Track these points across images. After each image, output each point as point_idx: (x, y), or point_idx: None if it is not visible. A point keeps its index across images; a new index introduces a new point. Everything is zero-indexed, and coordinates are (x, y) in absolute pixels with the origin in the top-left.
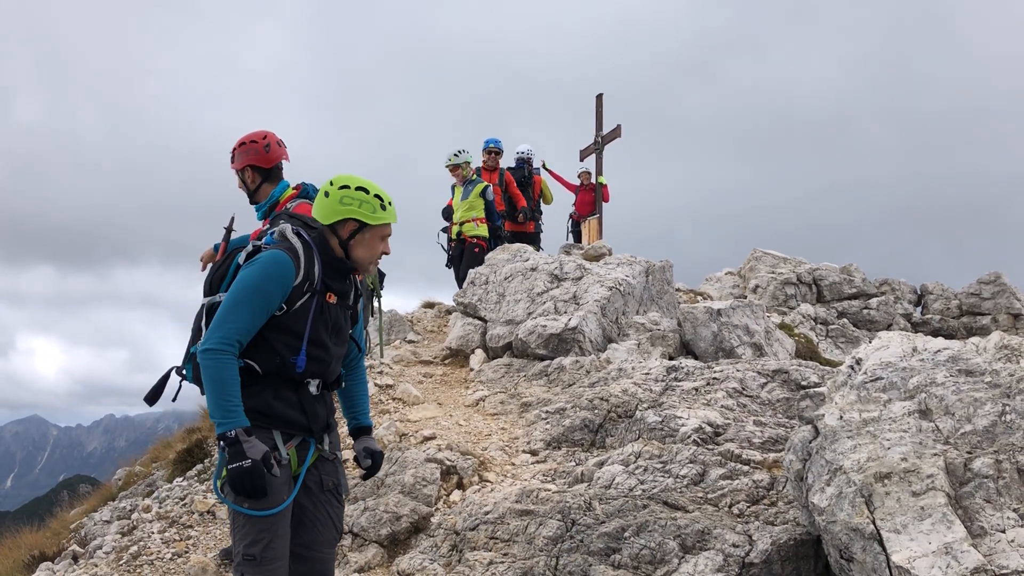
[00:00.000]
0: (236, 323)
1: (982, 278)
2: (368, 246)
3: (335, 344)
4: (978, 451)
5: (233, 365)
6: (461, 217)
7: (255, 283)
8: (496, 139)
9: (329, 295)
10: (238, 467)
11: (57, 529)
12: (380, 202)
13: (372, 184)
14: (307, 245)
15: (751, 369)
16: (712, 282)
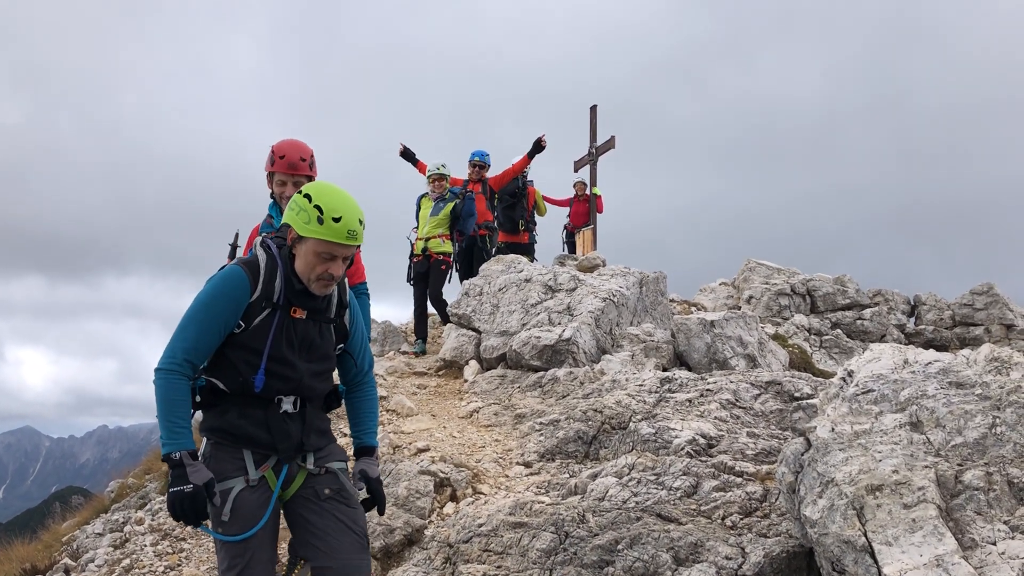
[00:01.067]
0: (184, 341)
1: (975, 288)
2: (304, 259)
3: (306, 360)
4: (969, 463)
5: (180, 384)
6: (428, 232)
7: (203, 300)
8: (482, 152)
9: (295, 310)
10: (179, 491)
11: (49, 542)
12: (318, 213)
13: (328, 194)
14: (272, 259)
15: (744, 380)
16: (706, 292)
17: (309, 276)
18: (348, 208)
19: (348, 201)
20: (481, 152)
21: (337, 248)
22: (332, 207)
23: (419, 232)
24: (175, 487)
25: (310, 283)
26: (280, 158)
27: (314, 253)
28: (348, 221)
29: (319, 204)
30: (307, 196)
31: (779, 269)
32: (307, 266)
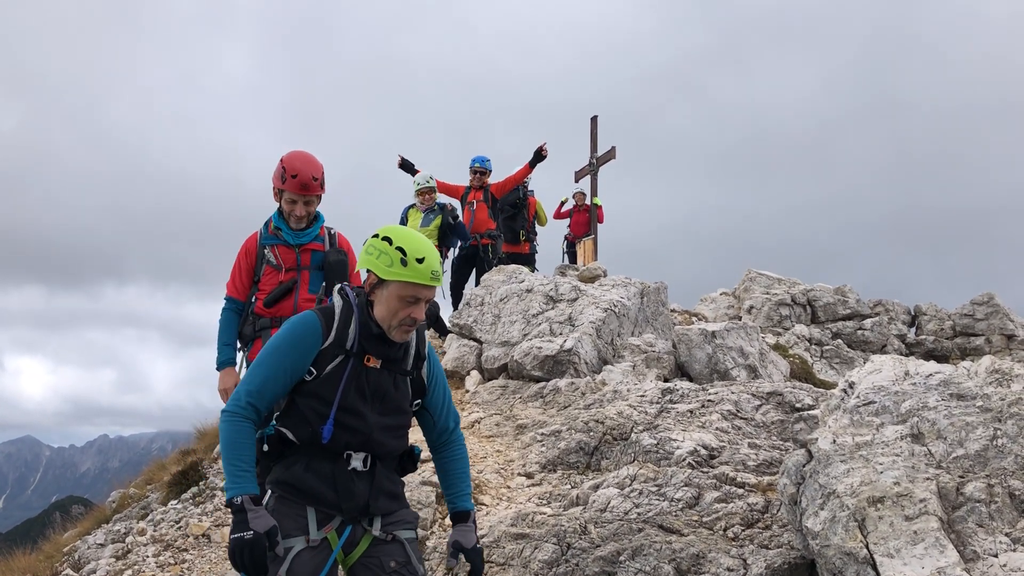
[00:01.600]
0: (250, 385)
1: (975, 299)
2: (386, 304)
3: (377, 412)
4: (970, 475)
5: (244, 427)
6: None
7: (274, 344)
8: (483, 157)
9: (368, 358)
10: (239, 538)
11: (50, 552)
12: (401, 256)
13: (406, 236)
14: (348, 305)
15: (746, 391)
16: (707, 303)
17: (391, 322)
18: (428, 249)
19: (426, 242)
20: (482, 158)
21: (421, 290)
22: (414, 248)
23: None
24: (236, 533)
25: (391, 329)
26: (292, 177)
27: (398, 297)
28: (431, 262)
29: (401, 246)
30: (386, 239)
31: (780, 279)
32: (390, 311)
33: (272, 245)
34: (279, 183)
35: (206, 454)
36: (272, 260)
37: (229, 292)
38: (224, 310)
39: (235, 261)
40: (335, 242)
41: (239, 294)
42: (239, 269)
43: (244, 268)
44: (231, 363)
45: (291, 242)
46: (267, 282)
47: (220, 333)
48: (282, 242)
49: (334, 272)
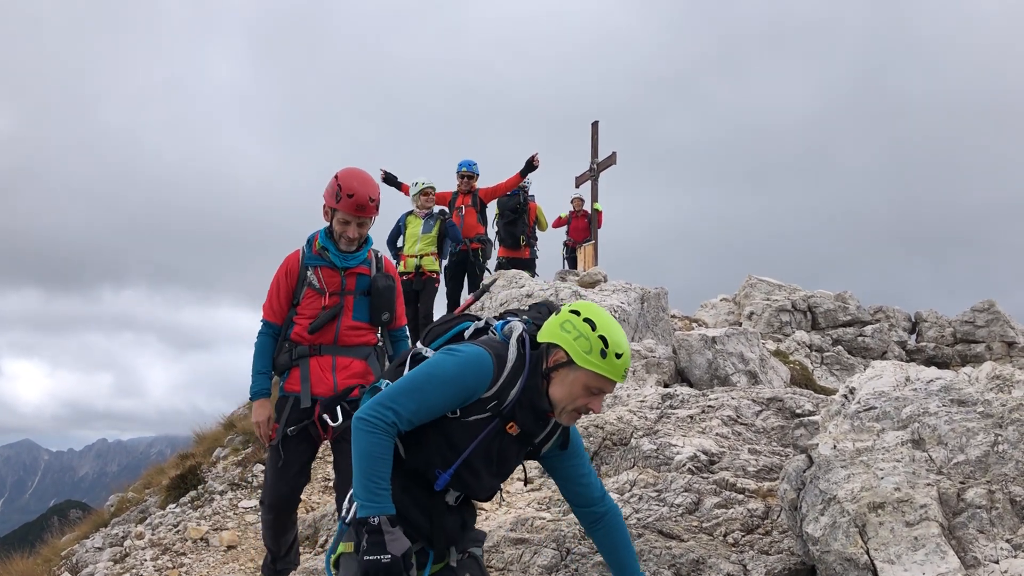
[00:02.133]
0: (400, 405)
1: (976, 306)
2: (568, 388)
3: (491, 476)
4: (971, 481)
5: (385, 443)
6: (421, 250)
7: (442, 375)
8: (469, 161)
9: (511, 425)
10: (375, 561)
11: (48, 556)
12: (602, 346)
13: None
14: (520, 363)
15: (746, 397)
16: (707, 308)
17: (566, 406)
18: (627, 344)
19: (623, 335)
20: (468, 162)
21: (609, 385)
22: (616, 341)
23: (408, 249)
24: (371, 555)
25: (562, 412)
26: (348, 197)
27: (583, 385)
28: (627, 359)
29: (604, 336)
30: (589, 322)
31: (780, 285)
32: (568, 396)
33: (316, 266)
34: (332, 202)
35: (204, 458)
36: (315, 283)
37: (266, 315)
38: (260, 335)
39: (273, 282)
40: (382, 266)
41: (276, 318)
42: (277, 290)
43: (284, 290)
44: (265, 394)
45: (338, 264)
46: (308, 306)
47: (255, 360)
48: (327, 264)
49: (382, 299)
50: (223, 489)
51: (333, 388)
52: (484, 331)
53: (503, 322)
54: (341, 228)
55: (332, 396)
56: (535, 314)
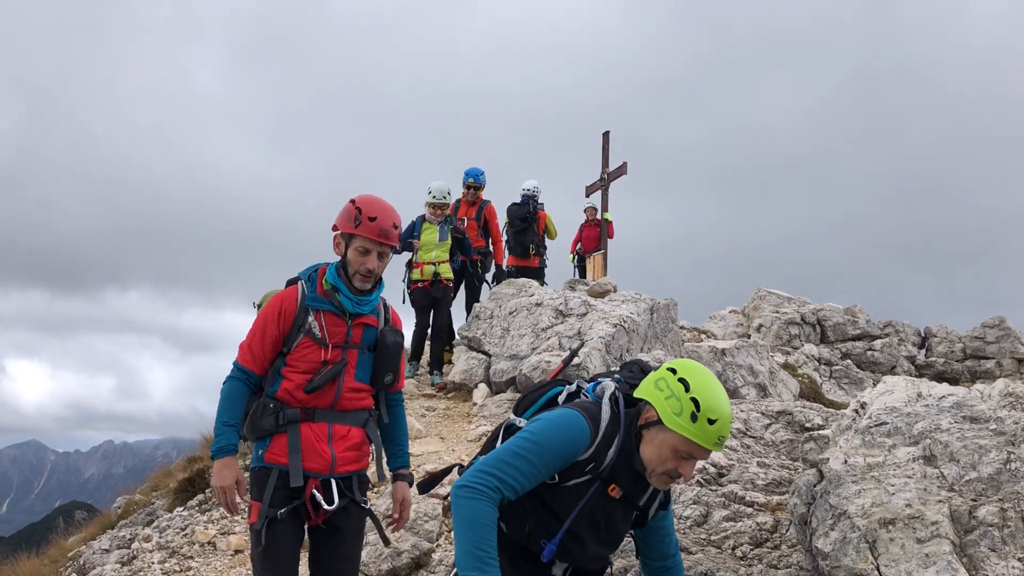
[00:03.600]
0: (505, 472)
1: (986, 322)
2: (657, 450)
3: (598, 543)
4: (983, 499)
5: (492, 511)
6: (438, 257)
7: (540, 440)
8: (477, 170)
9: (613, 487)
10: None
11: (55, 556)
12: (693, 409)
13: (706, 385)
14: (615, 422)
15: (755, 410)
16: (716, 320)
17: (656, 468)
18: (725, 408)
19: (724, 397)
20: (475, 171)
21: (700, 452)
22: (711, 406)
23: (423, 256)
24: None
25: (652, 474)
26: (370, 220)
27: (672, 448)
28: (722, 426)
29: (697, 398)
30: (683, 382)
31: (789, 298)
32: (658, 458)
33: (319, 310)
34: (349, 227)
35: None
36: (315, 331)
37: (243, 360)
38: (232, 380)
39: (259, 321)
40: (390, 317)
41: (257, 366)
42: (262, 333)
43: (272, 334)
44: (233, 451)
45: (348, 310)
46: (302, 358)
47: (223, 409)
48: (333, 308)
49: (389, 358)
50: None
51: (331, 463)
52: (576, 395)
53: (595, 383)
54: (360, 260)
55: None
56: (627, 373)
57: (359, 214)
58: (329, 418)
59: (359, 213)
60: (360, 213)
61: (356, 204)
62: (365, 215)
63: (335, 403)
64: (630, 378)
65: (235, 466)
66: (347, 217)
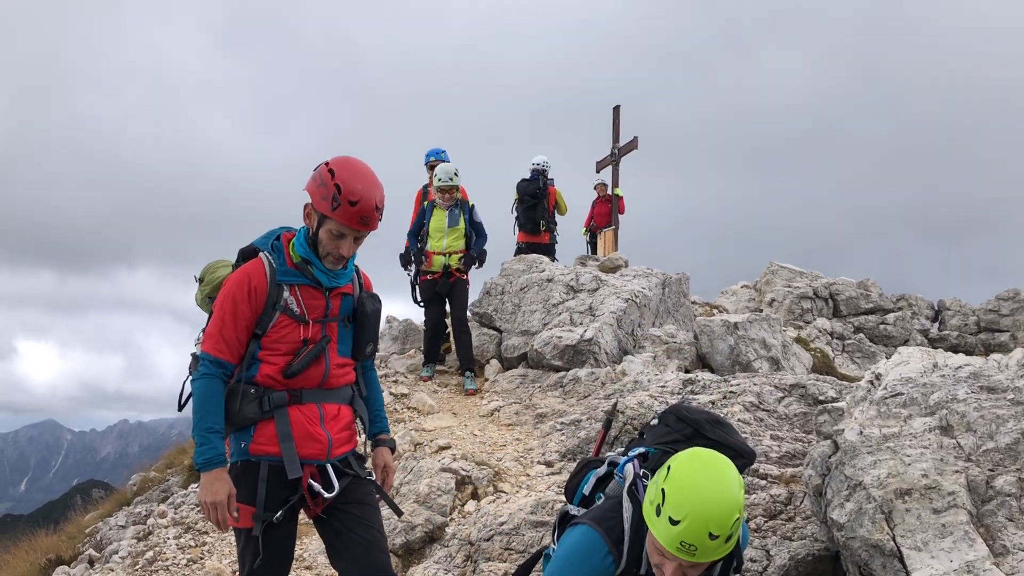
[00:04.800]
0: None
1: (1001, 294)
2: (648, 543)
3: None
4: (1000, 469)
5: None
6: (448, 247)
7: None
8: (439, 150)
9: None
10: None
11: (73, 533)
12: (660, 502)
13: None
14: (640, 512)
15: (768, 383)
16: (728, 295)
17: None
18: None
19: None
20: (437, 150)
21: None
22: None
23: (433, 245)
24: None
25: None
26: (350, 204)
27: (652, 543)
28: (686, 530)
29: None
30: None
31: (801, 272)
32: (649, 552)
33: (293, 284)
34: (325, 207)
35: None
36: (293, 307)
37: (214, 350)
38: (205, 377)
39: (224, 304)
40: (363, 282)
41: (232, 355)
42: (233, 316)
43: (243, 315)
44: (221, 461)
45: (324, 283)
46: (281, 338)
47: (202, 414)
48: (308, 281)
49: (370, 327)
50: None
51: (327, 447)
52: (607, 479)
53: (625, 460)
54: (333, 244)
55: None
56: (663, 430)
57: (337, 194)
58: (318, 398)
59: (337, 193)
60: (339, 193)
61: (336, 180)
62: (344, 197)
63: (323, 381)
64: (666, 437)
65: (227, 479)
66: (323, 194)
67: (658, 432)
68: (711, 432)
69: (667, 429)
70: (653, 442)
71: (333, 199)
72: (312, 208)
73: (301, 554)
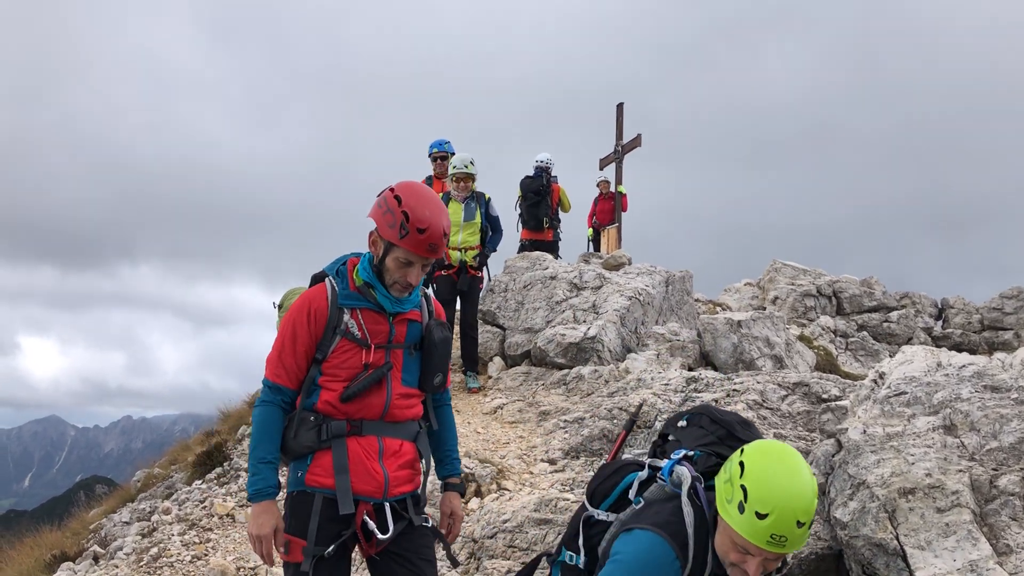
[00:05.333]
0: None
1: (1005, 292)
2: (720, 539)
3: None
4: (1004, 468)
5: None
6: (464, 242)
7: None
8: (443, 140)
9: None
10: None
11: (77, 529)
12: (741, 498)
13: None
14: (702, 519)
15: (771, 381)
16: (731, 293)
17: (724, 560)
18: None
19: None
20: (441, 141)
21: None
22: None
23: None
24: None
25: (727, 567)
26: (419, 232)
27: (730, 539)
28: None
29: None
30: (742, 464)
31: (805, 270)
32: (721, 549)
33: (355, 308)
34: (393, 235)
35: (230, 435)
36: (354, 331)
37: (274, 376)
38: (264, 404)
39: (284, 329)
40: (433, 309)
41: (292, 380)
42: (293, 341)
43: (304, 340)
44: (272, 493)
45: (387, 308)
46: (341, 364)
47: (259, 443)
48: (372, 306)
49: (439, 357)
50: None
51: (384, 485)
52: (650, 482)
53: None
54: (401, 272)
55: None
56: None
57: (406, 222)
58: (379, 431)
59: (406, 221)
60: (407, 221)
61: (402, 207)
62: (413, 225)
63: (385, 413)
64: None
65: (275, 512)
66: (389, 221)
67: (693, 434)
68: (742, 433)
69: (702, 431)
70: (691, 444)
71: (401, 227)
72: (378, 235)
73: None
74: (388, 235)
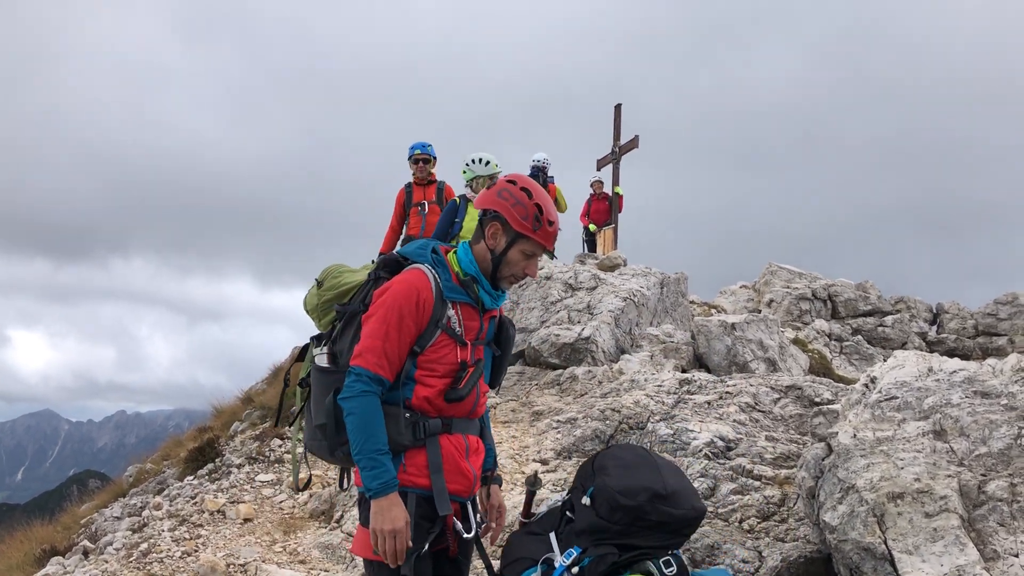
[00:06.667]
0: None
1: (999, 298)
2: None
3: None
4: (993, 474)
5: None
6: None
7: None
8: (424, 143)
9: None
10: None
11: (68, 523)
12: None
13: None
14: None
15: (764, 384)
16: (726, 295)
17: None
18: None
19: None
20: (422, 144)
21: None
22: None
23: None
24: None
25: None
26: (550, 224)
27: None
28: None
29: None
30: None
31: (801, 273)
32: None
33: (457, 303)
34: (525, 227)
35: (223, 431)
36: (455, 326)
37: (375, 367)
38: (365, 395)
39: (388, 316)
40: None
41: (391, 373)
42: (398, 330)
43: (408, 330)
44: (395, 486)
45: (487, 305)
46: (439, 358)
47: (366, 435)
48: (470, 300)
49: (509, 354)
50: (240, 462)
51: (473, 483)
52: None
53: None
54: (523, 264)
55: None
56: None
57: (539, 214)
58: (465, 428)
59: (539, 213)
60: (540, 214)
61: (534, 200)
62: (546, 218)
63: (472, 410)
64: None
65: (402, 504)
66: (522, 213)
67: (588, 518)
68: (654, 513)
69: (600, 521)
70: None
71: (535, 219)
72: (504, 227)
73: (296, 548)
74: (521, 227)
